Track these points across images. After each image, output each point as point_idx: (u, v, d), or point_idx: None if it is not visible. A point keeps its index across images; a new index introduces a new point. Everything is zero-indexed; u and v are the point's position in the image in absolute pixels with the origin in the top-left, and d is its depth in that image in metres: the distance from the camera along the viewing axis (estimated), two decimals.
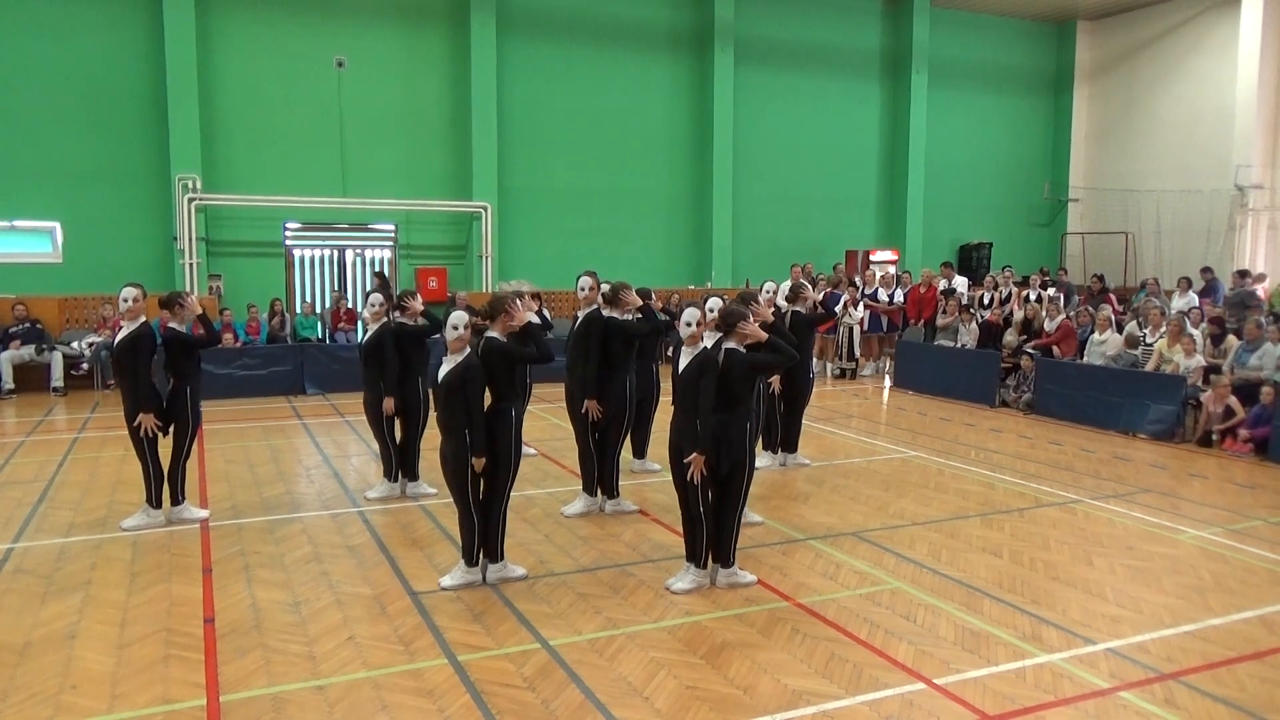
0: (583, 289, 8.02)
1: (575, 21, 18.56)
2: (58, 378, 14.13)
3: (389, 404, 8.11)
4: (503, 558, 6.25)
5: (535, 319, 7.97)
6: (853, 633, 5.48)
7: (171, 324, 7.48)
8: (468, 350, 5.97)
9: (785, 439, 9.48)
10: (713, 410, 5.77)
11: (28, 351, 14.05)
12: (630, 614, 5.74)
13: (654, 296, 8.62)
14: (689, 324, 5.96)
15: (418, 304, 8.26)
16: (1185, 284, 15.57)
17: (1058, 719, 4.53)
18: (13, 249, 15.37)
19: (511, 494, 6.23)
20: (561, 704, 4.62)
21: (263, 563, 6.66)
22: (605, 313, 7.78)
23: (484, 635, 5.41)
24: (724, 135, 19.58)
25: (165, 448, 7.50)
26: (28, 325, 14.21)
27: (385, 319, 8.23)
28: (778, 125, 20.52)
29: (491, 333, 6.12)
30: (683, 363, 5.98)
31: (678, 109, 19.64)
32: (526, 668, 5.01)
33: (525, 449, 7.48)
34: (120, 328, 7.42)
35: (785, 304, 9.12)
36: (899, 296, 16.92)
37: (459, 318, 5.97)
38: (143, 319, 7.38)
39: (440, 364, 6.03)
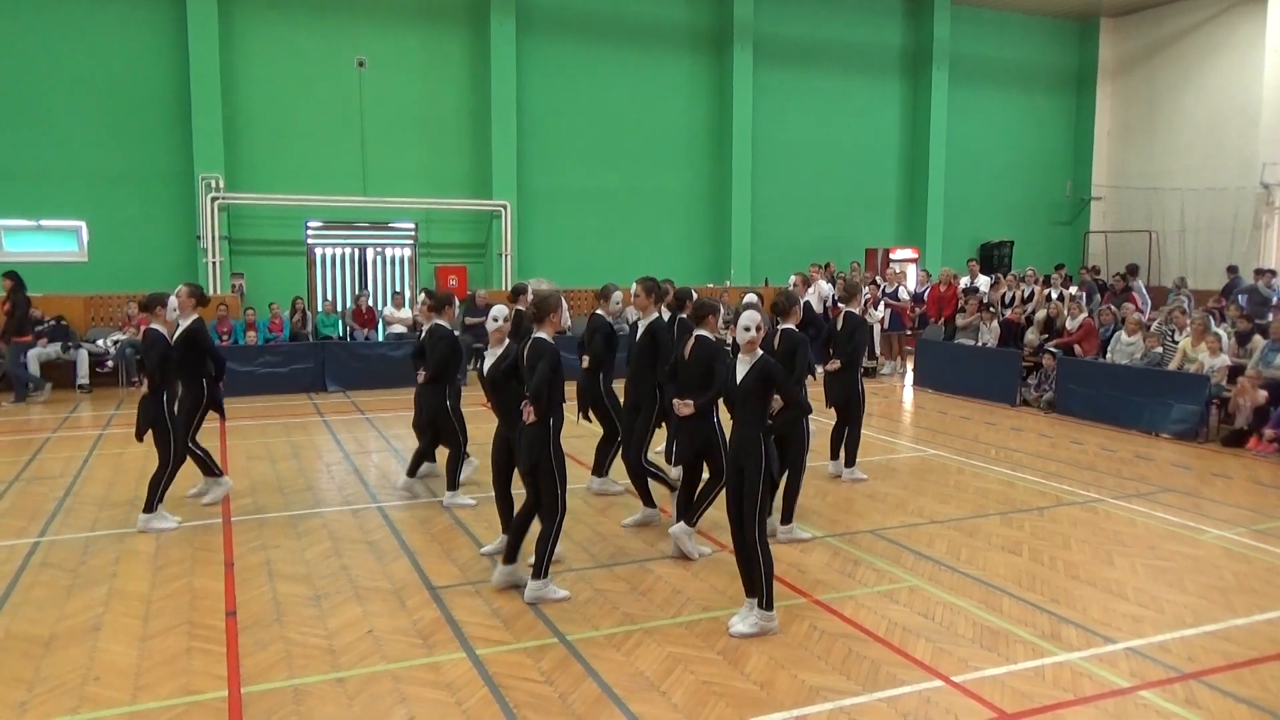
0: (636, 295, 7.56)
1: (594, 21, 18.60)
2: (83, 375, 14.31)
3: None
4: (547, 575, 5.90)
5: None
6: (870, 630, 5.47)
7: (154, 325, 7.38)
8: (507, 342, 6.10)
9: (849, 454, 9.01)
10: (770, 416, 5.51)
11: (54, 349, 14.24)
12: (648, 609, 5.75)
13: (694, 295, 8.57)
14: (747, 329, 5.41)
15: (455, 310, 8.35)
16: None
17: (1077, 718, 4.50)
18: (40, 248, 15.59)
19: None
20: (579, 698, 4.64)
21: (284, 557, 6.73)
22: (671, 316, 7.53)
23: (502, 629, 5.44)
24: (743, 134, 19.56)
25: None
26: (54, 323, 14.39)
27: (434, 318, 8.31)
28: (797, 124, 20.48)
29: (540, 334, 5.90)
30: (740, 371, 5.45)
31: (697, 108, 19.63)
32: (544, 662, 5.03)
33: None
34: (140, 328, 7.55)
35: (841, 305, 8.95)
36: (903, 293, 16.90)
37: (500, 310, 6.20)
38: (194, 316, 7.56)
39: (483, 358, 6.15)
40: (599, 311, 8.10)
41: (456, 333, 8.33)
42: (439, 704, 4.58)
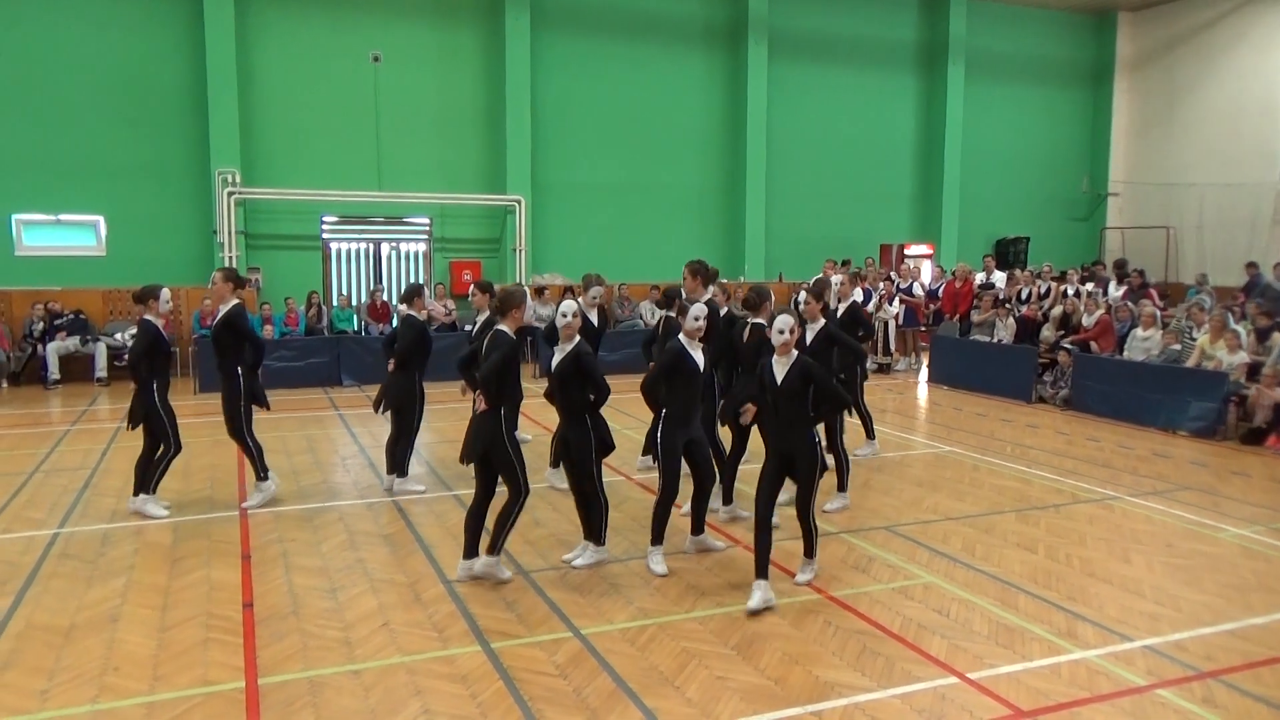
0: (685, 279, 7.88)
1: (609, 15, 18.59)
2: (101, 368, 14.43)
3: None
4: (499, 553, 6.05)
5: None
6: (885, 626, 5.45)
7: (149, 318, 7.45)
8: (577, 339, 6.08)
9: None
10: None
11: (73, 343, 14.36)
12: (662, 604, 5.76)
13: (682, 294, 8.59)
14: (781, 332, 5.69)
15: (427, 303, 8.38)
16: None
17: (1093, 716, 4.48)
18: (58, 242, 15.71)
19: (532, 486, 6.21)
20: (593, 692, 4.65)
21: (300, 550, 6.76)
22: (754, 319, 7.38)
23: (516, 623, 5.46)
24: (757, 129, 19.51)
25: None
26: (72, 317, 14.51)
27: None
28: (812, 118, 20.42)
29: (501, 326, 6.02)
30: (779, 374, 5.74)
31: (711, 103, 19.60)
32: (558, 655, 5.04)
33: (522, 435, 7.70)
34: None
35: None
36: (917, 289, 16.81)
37: (569, 306, 6.15)
38: (234, 301, 7.58)
39: (553, 353, 6.17)
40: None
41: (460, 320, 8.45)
42: (454, 697, 4.60)
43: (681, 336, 6.25)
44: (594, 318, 8.51)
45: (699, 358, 6.24)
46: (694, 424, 6.35)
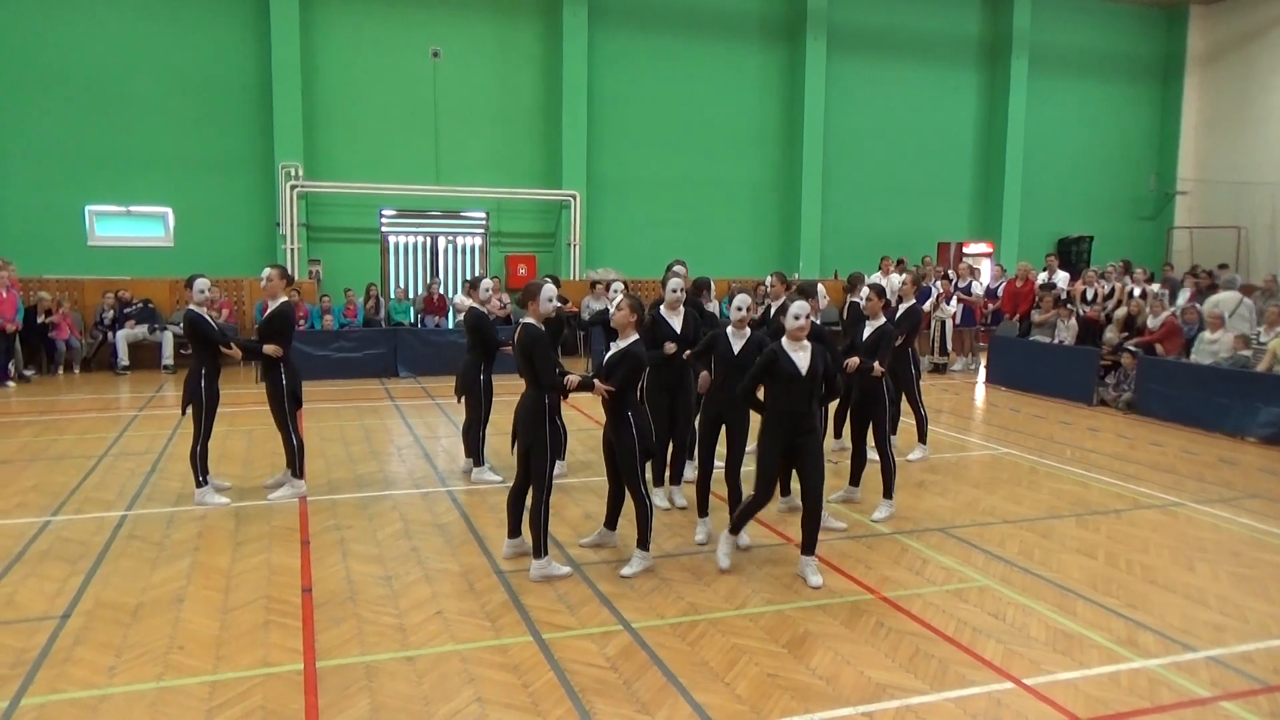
0: (772, 285, 9.00)
1: (665, 11, 18.57)
2: (168, 356, 14.85)
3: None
4: (546, 553, 6.06)
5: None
6: (939, 628, 5.39)
7: (191, 306, 7.60)
8: (634, 337, 6.08)
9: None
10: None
11: (141, 330, 14.80)
12: (712, 600, 5.76)
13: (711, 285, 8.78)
14: (796, 317, 5.87)
15: (481, 294, 8.63)
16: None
17: None
18: (129, 233, 16.20)
19: (575, 483, 6.26)
20: (643, 685, 4.67)
21: (357, 537, 6.89)
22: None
23: (568, 615, 5.50)
24: (814, 124, 19.35)
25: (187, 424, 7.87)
26: (141, 305, 14.96)
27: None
28: (870, 114, 20.19)
29: (527, 319, 6.04)
30: (802, 361, 5.89)
31: (768, 98, 19.48)
32: (609, 648, 5.07)
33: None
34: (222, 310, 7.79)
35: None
36: (976, 288, 16.51)
37: (621, 296, 6.25)
38: (283, 298, 7.76)
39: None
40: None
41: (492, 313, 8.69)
42: (506, 685, 4.66)
43: (785, 339, 5.99)
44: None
45: (801, 361, 5.86)
46: (799, 432, 5.90)
